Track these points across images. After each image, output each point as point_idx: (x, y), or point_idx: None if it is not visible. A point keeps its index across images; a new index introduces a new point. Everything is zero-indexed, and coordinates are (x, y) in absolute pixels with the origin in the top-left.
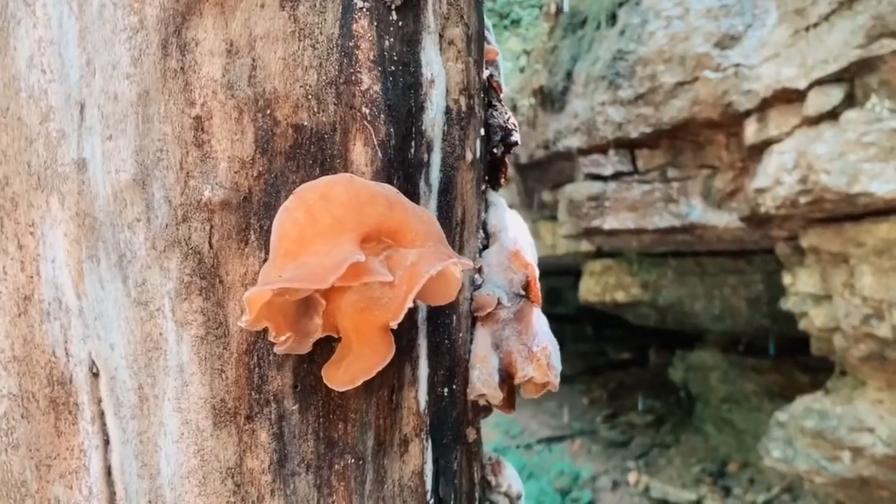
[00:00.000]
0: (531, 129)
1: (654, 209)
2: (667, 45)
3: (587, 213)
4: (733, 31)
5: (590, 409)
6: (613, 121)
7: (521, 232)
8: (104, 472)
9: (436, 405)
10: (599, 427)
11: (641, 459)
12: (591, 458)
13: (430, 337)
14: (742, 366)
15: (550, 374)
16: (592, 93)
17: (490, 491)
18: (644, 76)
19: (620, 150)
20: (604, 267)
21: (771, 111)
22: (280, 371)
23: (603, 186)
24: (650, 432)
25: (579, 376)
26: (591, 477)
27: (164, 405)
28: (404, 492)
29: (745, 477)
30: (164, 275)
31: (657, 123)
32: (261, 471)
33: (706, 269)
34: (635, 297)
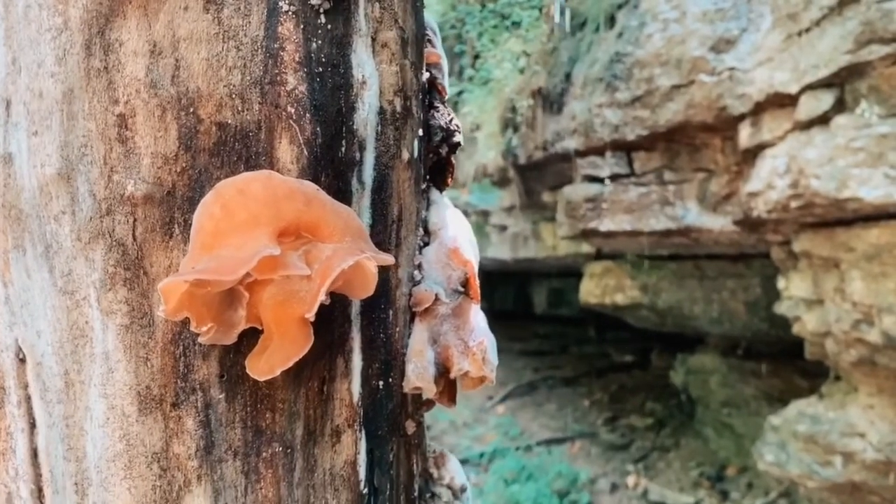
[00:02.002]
0: (530, 130)
1: (650, 211)
2: (663, 48)
3: (584, 215)
4: (728, 35)
5: (590, 412)
6: (610, 123)
7: (461, 230)
8: (30, 454)
9: (370, 397)
10: (600, 429)
11: (641, 462)
12: (591, 460)
13: (365, 330)
14: (741, 370)
15: (486, 369)
16: (590, 95)
17: (433, 483)
18: (641, 79)
19: (617, 153)
20: (604, 269)
21: (764, 115)
22: (206, 361)
23: (600, 188)
24: (650, 435)
25: (581, 378)
26: (590, 479)
27: (90, 391)
28: (336, 480)
29: (743, 481)
30: (89, 265)
31: (653, 126)
32: (187, 456)
33: (705, 272)
34: (634, 300)
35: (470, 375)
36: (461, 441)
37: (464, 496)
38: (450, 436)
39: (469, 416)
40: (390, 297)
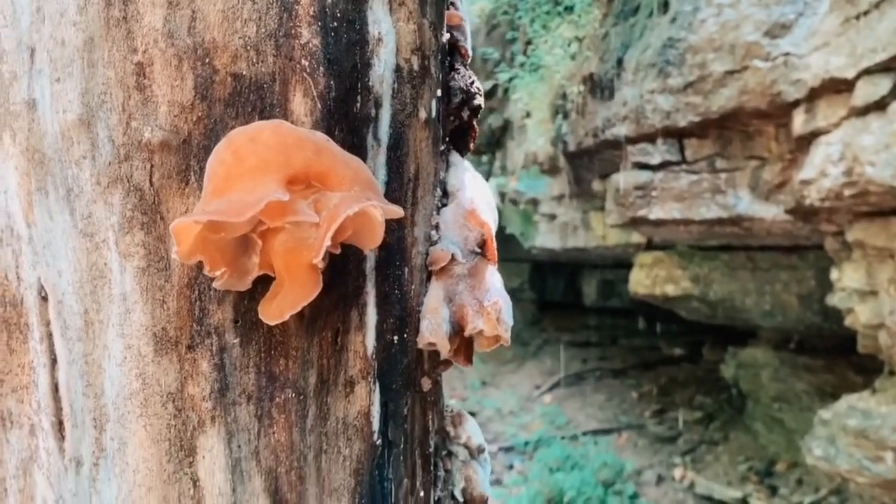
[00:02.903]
0: (580, 116)
1: (701, 200)
2: (717, 34)
3: (634, 203)
4: (784, 20)
5: (638, 404)
6: (662, 109)
7: (479, 192)
8: (51, 388)
9: (385, 351)
10: (647, 422)
11: (688, 455)
12: (637, 452)
13: (379, 286)
14: (793, 364)
15: (500, 328)
16: (642, 80)
17: (450, 442)
18: (694, 64)
19: (669, 140)
20: (654, 259)
21: (819, 101)
22: (221, 306)
23: (650, 176)
24: (698, 429)
25: (630, 370)
26: (636, 471)
27: (109, 330)
28: (349, 430)
29: (792, 477)
30: (108, 209)
31: (706, 112)
32: (201, 398)
33: (758, 263)
34: (685, 291)
35: (484, 334)
36: (507, 429)
37: (481, 457)
38: (495, 423)
39: (515, 404)
40: (406, 254)
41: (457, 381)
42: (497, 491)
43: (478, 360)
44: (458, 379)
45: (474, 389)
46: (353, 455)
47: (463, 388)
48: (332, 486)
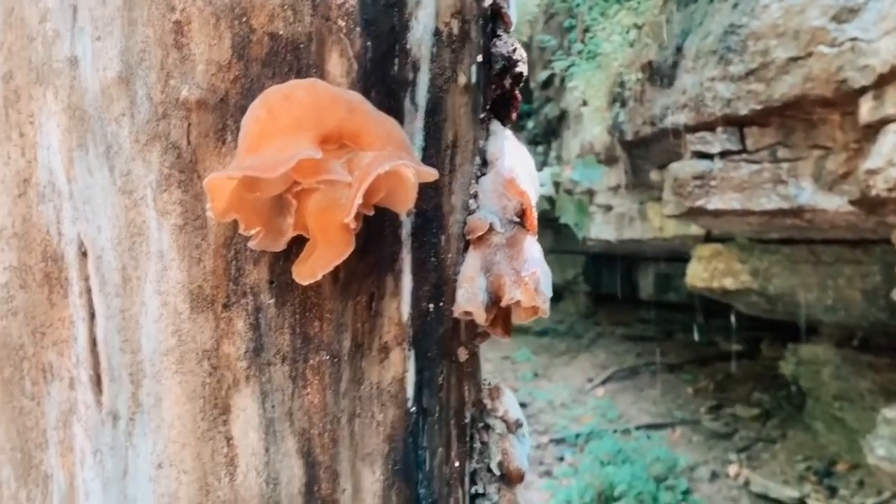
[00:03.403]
0: (638, 104)
1: (761, 190)
2: (781, 19)
3: (692, 193)
4: (852, 4)
5: (694, 399)
6: (722, 97)
7: (520, 161)
8: (90, 343)
9: (420, 319)
10: (702, 417)
11: (744, 453)
12: (691, 447)
13: (415, 253)
14: (857, 362)
15: (538, 299)
16: (702, 68)
17: (487, 415)
18: (756, 51)
19: (729, 128)
20: (713, 252)
21: (888, 88)
22: (256, 266)
23: (709, 165)
24: (755, 426)
25: (686, 366)
26: (690, 466)
27: (146, 287)
28: (383, 395)
29: (853, 478)
30: (146, 167)
31: (768, 100)
32: (237, 357)
33: (820, 257)
34: (744, 285)
35: (522, 305)
36: (558, 421)
37: (519, 432)
38: (547, 415)
39: (567, 396)
40: (443, 222)
41: (508, 373)
42: (547, 482)
43: (529, 351)
44: (510, 370)
45: (526, 381)
46: (386, 421)
47: (514, 379)
48: (366, 450)
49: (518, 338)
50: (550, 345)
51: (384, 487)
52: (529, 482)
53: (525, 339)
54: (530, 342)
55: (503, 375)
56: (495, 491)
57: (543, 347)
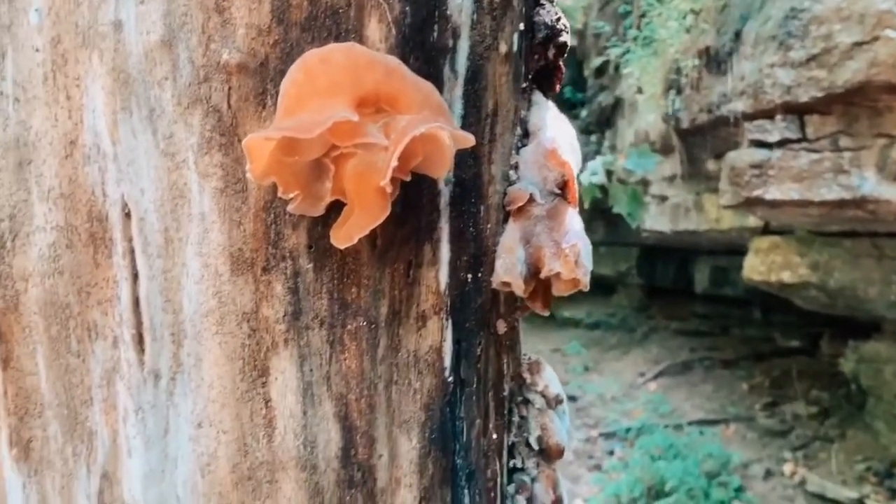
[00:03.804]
0: (694, 92)
1: (822, 180)
2: (845, 2)
3: (749, 182)
4: None
5: (749, 396)
6: (782, 84)
7: (561, 132)
8: (133, 302)
9: (458, 289)
10: (757, 414)
11: (800, 451)
12: (745, 444)
13: (454, 222)
14: None
15: (578, 272)
16: (761, 54)
17: (526, 389)
18: (818, 36)
19: (788, 116)
20: (770, 244)
21: None
22: (295, 230)
23: (767, 154)
24: (813, 424)
25: (741, 361)
26: (743, 463)
27: (188, 248)
28: (420, 364)
29: None
30: (188, 130)
31: (830, 87)
32: (275, 320)
33: (884, 251)
34: (803, 279)
35: (562, 277)
36: (608, 414)
37: (559, 408)
38: (597, 408)
39: (618, 390)
40: (482, 192)
41: (558, 365)
42: (596, 476)
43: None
44: (560, 363)
45: (576, 374)
46: (423, 389)
47: (564, 372)
48: (402, 417)
49: (569, 331)
50: (602, 338)
51: (420, 455)
52: (578, 476)
53: (576, 333)
54: (581, 335)
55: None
56: (534, 466)
57: (595, 341)
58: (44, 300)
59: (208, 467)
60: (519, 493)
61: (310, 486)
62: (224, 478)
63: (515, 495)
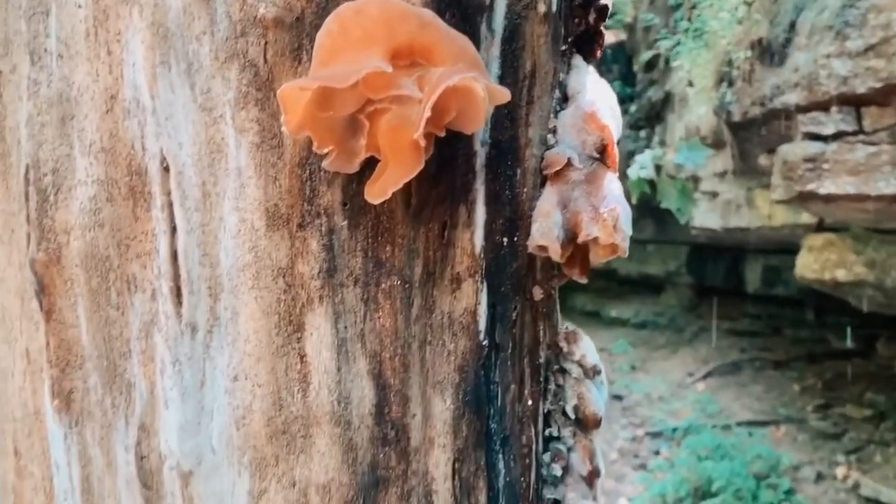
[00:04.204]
0: (747, 84)
1: (879, 174)
2: None
3: (802, 176)
4: None
5: (800, 398)
6: (838, 74)
7: (601, 96)
8: (171, 256)
9: (493, 252)
10: (809, 416)
11: (854, 454)
12: (796, 446)
13: (489, 184)
14: None
15: (616, 236)
16: (816, 44)
17: (563, 358)
18: (877, 25)
19: (844, 108)
20: (825, 241)
21: None
22: (330, 187)
23: (822, 147)
24: (867, 427)
25: (792, 362)
26: (794, 466)
27: (224, 203)
28: (454, 326)
29: None
30: (225, 84)
31: (888, 77)
32: (310, 276)
33: None
34: (859, 277)
35: (600, 242)
36: (655, 414)
37: (597, 379)
38: (643, 408)
39: (665, 390)
40: (518, 154)
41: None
42: (641, 475)
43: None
44: (607, 362)
45: (623, 373)
46: (457, 351)
47: (611, 371)
48: (436, 378)
49: (616, 330)
50: (649, 337)
51: (454, 417)
52: (623, 475)
53: (623, 332)
54: (628, 334)
55: None
56: (570, 435)
57: (642, 340)
58: (85, 253)
59: (243, 420)
60: (555, 462)
61: (343, 441)
62: (259, 431)
63: (551, 464)
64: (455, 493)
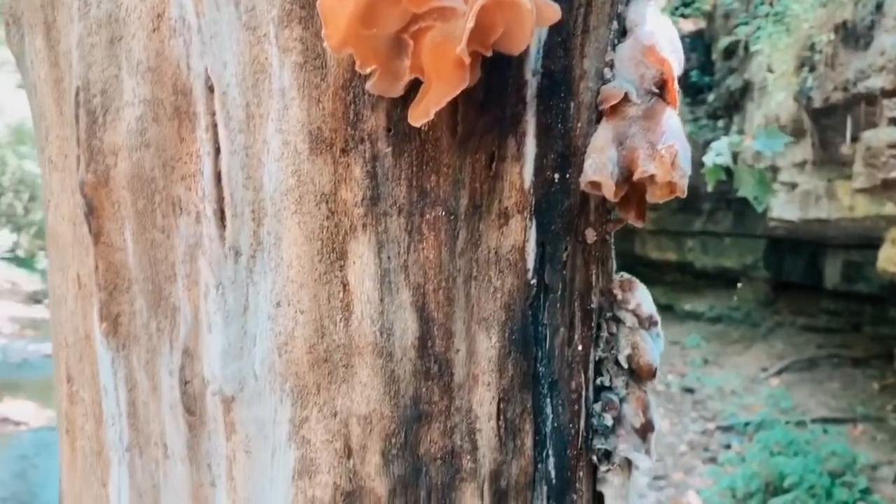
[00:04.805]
0: (829, 69)
1: None
2: None
3: (886, 163)
4: None
5: (879, 396)
6: None
7: (661, 28)
8: (215, 177)
9: (544, 188)
10: (889, 416)
11: None
12: (874, 445)
13: (541, 116)
14: None
15: (675, 174)
16: None
17: (617, 307)
18: None
19: None
20: None
21: None
22: (374, 111)
23: None
24: None
25: (872, 360)
26: (871, 465)
27: (268, 125)
28: (501, 262)
29: None
30: (269, 2)
31: None
32: (354, 203)
33: None
34: None
35: (656, 180)
36: (726, 408)
37: (652, 330)
38: (715, 402)
39: (738, 385)
40: (572, 87)
41: (676, 357)
42: (710, 468)
43: (700, 337)
44: (678, 355)
45: (694, 367)
46: (504, 288)
47: (683, 365)
48: (482, 314)
49: (689, 324)
50: (724, 332)
51: (500, 356)
52: (692, 467)
53: (696, 326)
54: (702, 328)
55: (670, 361)
56: (622, 385)
57: (716, 334)
58: (131, 174)
59: (285, 346)
60: (606, 412)
61: (385, 373)
62: (300, 358)
63: (602, 413)
64: (500, 433)
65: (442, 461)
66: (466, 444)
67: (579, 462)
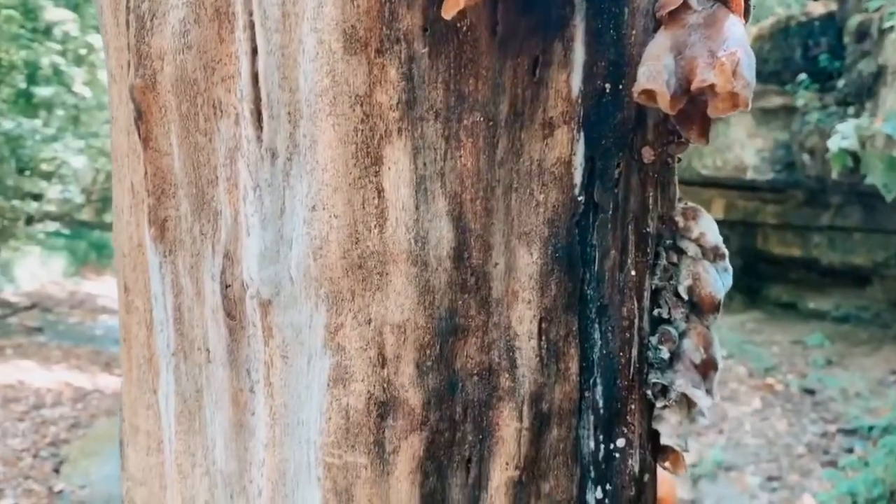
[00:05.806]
0: None
1: None
2: None
3: None
4: None
5: None
6: None
7: None
8: (252, 77)
9: (594, 98)
10: None
11: None
12: None
13: (590, 21)
14: None
15: (736, 83)
16: None
17: (679, 236)
18: None
19: None
20: None
21: None
22: (410, 10)
23: None
24: None
25: None
26: None
27: (303, 24)
28: (545, 175)
29: None
30: None
31: None
32: (389, 106)
33: None
34: None
35: (717, 90)
36: (850, 410)
37: (719, 264)
38: (837, 404)
39: (864, 386)
40: None
41: (797, 357)
42: (829, 472)
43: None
44: (800, 354)
45: (817, 367)
46: (548, 203)
47: (804, 365)
48: (522, 228)
49: (812, 323)
50: (850, 332)
51: (542, 273)
52: (809, 470)
53: (821, 325)
54: (826, 328)
55: (791, 360)
56: (682, 318)
57: (841, 335)
58: (175, 77)
59: (320, 251)
60: (662, 344)
61: (420, 282)
62: (335, 263)
63: (658, 346)
64: (541, 353)
65: (479, 377)
66: (504, 362)
67: (631, 394)
